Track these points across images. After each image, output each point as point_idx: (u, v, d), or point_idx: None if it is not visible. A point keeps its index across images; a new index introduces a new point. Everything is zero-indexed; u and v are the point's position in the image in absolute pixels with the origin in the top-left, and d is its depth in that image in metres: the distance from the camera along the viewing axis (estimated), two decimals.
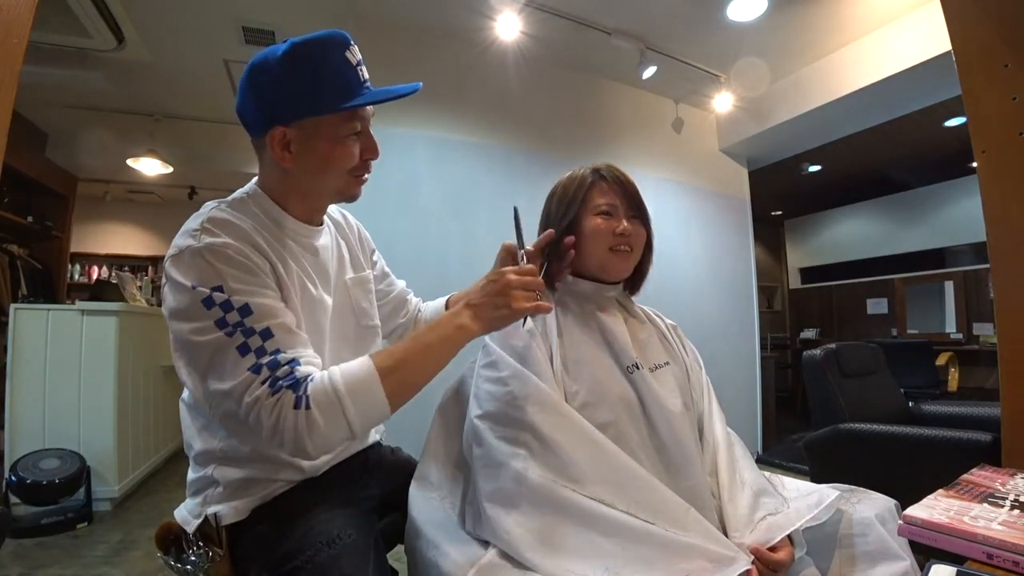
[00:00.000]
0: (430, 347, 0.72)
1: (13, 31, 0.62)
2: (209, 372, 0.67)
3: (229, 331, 0.66)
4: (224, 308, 0.66)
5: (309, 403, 0.64)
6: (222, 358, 0.66)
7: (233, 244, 0.70)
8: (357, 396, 0.66)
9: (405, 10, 2.49)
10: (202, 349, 0.67)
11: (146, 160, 3.92)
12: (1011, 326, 1.06)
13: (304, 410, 0.63)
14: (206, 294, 0.66)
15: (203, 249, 0.68)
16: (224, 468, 0.77)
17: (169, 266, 0.70)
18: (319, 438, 0.64)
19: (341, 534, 0.73)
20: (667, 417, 0.80)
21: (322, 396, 0.65)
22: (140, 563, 1.97)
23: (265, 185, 0.81)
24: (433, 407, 0.94)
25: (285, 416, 0.63)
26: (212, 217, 0.72)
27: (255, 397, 0.64)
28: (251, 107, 0.75)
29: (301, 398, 0.64)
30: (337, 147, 0.76)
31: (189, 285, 0.67)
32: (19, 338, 2.45)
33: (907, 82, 2.63)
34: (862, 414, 1.77)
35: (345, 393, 0.66)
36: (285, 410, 0.63)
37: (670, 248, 3.15)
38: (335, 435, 0.66)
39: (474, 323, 0.74)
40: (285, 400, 0.64)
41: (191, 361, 0.70)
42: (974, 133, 1.10)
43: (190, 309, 0.67)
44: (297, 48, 0.71)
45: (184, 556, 0.76)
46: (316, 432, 0.64)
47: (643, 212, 0.91)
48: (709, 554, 0.65)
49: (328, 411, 0.64)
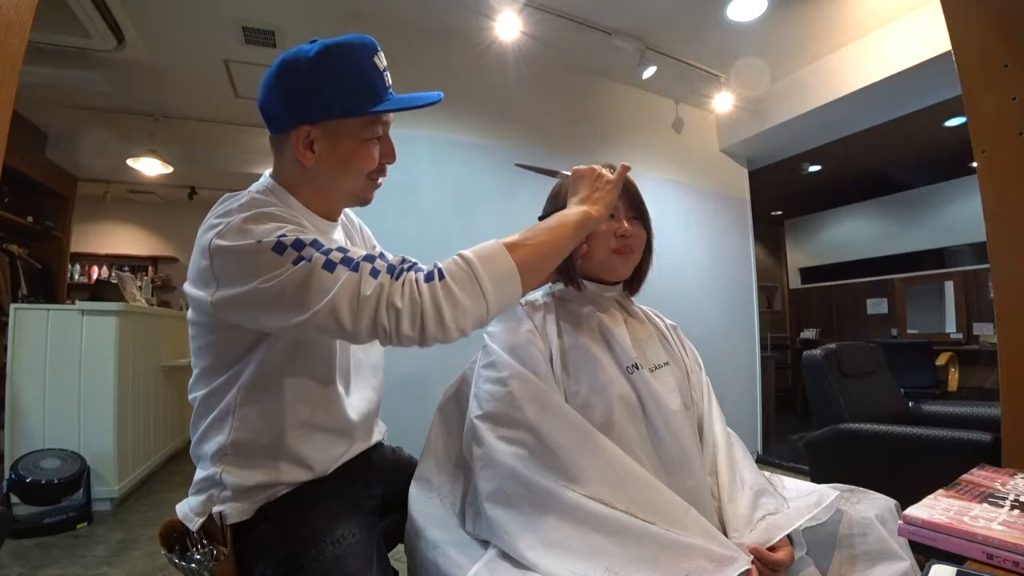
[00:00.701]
0: (553, 229, 0.73)
1: (13, 31, 0.62)
2: (291, 307, 0.62)
3: (309, 258, 0.63)
4: (296, 247, 0.64)
5: (443, 274, 0.63)
6: (306, 285, 0.62)
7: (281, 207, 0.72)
8: (487, 263, 0.65)
9: (405, 10, 2.49)
10: (284, 289, 0.62)
11: (146, 160, 3.92)
12: (1011, 326, 1.06)
13: (439, 281, 0.62)
14: (273, 241, 0.64)
15: (253, 215, 0.67)
16: (232, 468, 0.75)
17: (217, 239, 0.66)
18: (459, 310, 0.63)
19: (345, 534, 0.74)
20: (667, 417, 0.80)
21: (455, 267, 0.64)
22: (140, 563, 1.98)
23: (282, 181, 0.80)
24: (433, 407, 0.94)
25: (420, 292, 0.62)
26: (252, 198, 0.73)
27: (376, 285, 0.61)
28: (276, 104, 0.75)
29: (432, 272, 0.63)
30: (359, 149, 0.77)
31: (253, 241, 0.64)
32: (19, 338, 2.45)
33: (907, 82, 2.63)
34: (862, 414, 1.77)
35: (477, 261, 0.65)
36: (419, 286, 0.62)
37: (670, 248, 3.15)
38: (473, 306, 0.64)
39: (594, 206, 0.77)
40: (412, 278, 0.62)
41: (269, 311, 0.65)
42: (974, 133, 1.10)
43: (260, 263, 0.63)
44: (329, 49, 0.72)
45: (188, 554, 0.75)
46: (456, 303, 0.62)
47: (643, 213, 0.91)
48: (709, 554, 0.65)
49: (464, 281, 0.63)
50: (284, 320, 0.64)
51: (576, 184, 0.82)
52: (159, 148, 3.90)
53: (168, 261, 5.87)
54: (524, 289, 0.69)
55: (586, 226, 0.76)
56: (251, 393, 0.75)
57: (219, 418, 0.77)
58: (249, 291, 0.64)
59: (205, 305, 0.68)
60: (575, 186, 0.82)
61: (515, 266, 0.67)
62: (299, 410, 0.77)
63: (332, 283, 0.62)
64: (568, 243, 0.75)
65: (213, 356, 0.76)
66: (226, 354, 0.75)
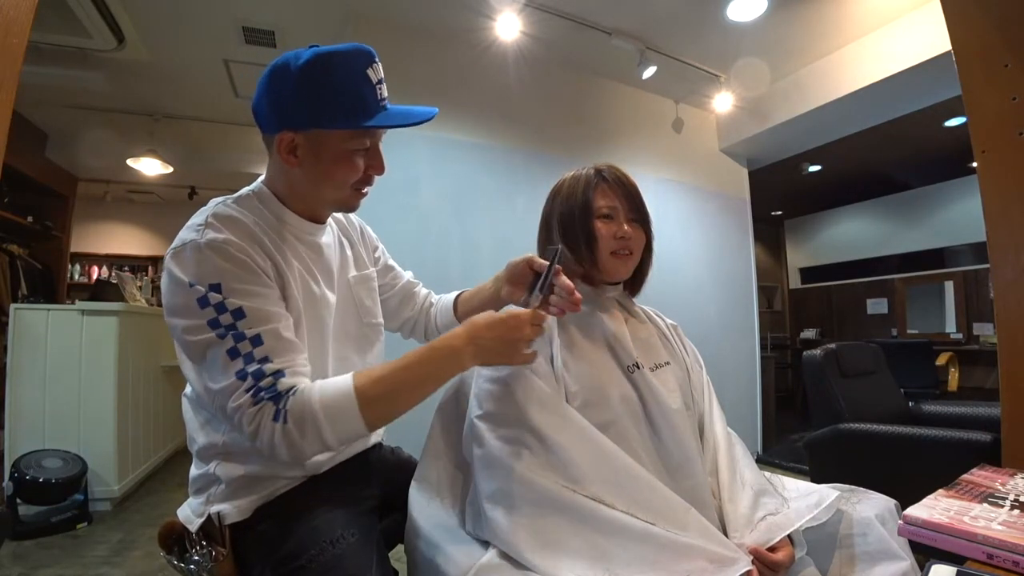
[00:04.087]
0: (418, 377, 0.72)
1: (13, 31, 0.62)
2: (202, 370, 0.69)
3: (221, 332, 0.67)
4: (218, 309, 0.67)
5: (287, 418, 0.65)
6: (213, 358, 0.68)
7: (235, 241, 0.70)
8: (333, 418, 0.67)
9: (405, 10, 2.49)
10: (195, 347, 0.68)
11: (146, 160, 3.92)
12: (1011, 326, 1.06)
13: (282, 424, 0.65)
14: (202, 293, 0.67)
15: (204, 245, 0.69)
16: (226, 464, 0.77)
17: (169, 260, 0.70)
18: (295, 450, 0.66)
19: (344, 534, 0.74)
20: (668, 417, 0.80)
21: (299, 413, 0.66)
22: (140, 563, 1.97)
23: (271, 183, 0.82)
24: (433, 407, 0.94)
25: (264, 426, 0.66)
26: (216, 213, 0.73)
27: (239, 404, 0.66)
28: (265, 107, 0.76)
29: (280, 412, 0.66)
30: (341, 161, 0.77)
31: (187, 281, 0.67)
32: (19, 338, 2.45)
33: (907, 82, 2.63)
34: (862, 414, 1.77)
35: (321, 414, 0.66)
36: (265, 420, 0.66)
37: (670, 248, 3.14)
38: (310, 449, 0.67)
39: (473, 360, 0.73)
40: (265, 411, 0.66)
41: (188, 356, 0.71)
42: (974, 133, 1.10)
43: (185, 306, 0.68)
44: (320, 59, 0.72)
45: (187, 555, 0.75)
46: (292, 445, 0.66)
47: (643, 214, 0.91)
48: (710, 554, 0.65)
49: (304, 428, 0.66)
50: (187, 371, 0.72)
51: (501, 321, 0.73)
52: (159, 148, 3.90)
53: None
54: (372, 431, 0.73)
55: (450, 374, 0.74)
56: None
57: (208, 420, 0.78)
58: (173, 326, 0.70)
59: None
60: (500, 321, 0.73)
61: (362, 422, 0.68)
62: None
63: (223, 375, 0.67)
64: (430, 390, 0.73)
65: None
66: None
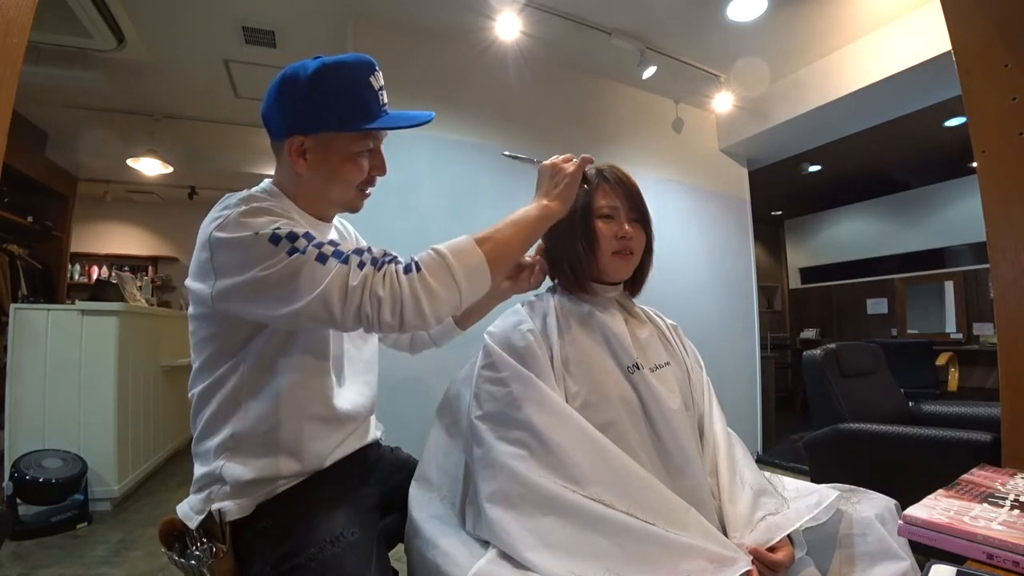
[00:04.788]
0: (517, 223, 0.79)
1: (13, 31, 0.62)
2: (291, 295, 0.67)
3: (304, 248, 0.68)
4: (290, 239, 0.69)
5: (420, 266, 0.69)
6: (306, 272, 0.67)
7: (276, 203, 0.77)
8: (459, 257, 0.72)
9: (405, 10, 2.49)
10: (279, 278, 0.67)
11: (146, 160, 3.92)
12: (1011, 326, 1.06)
13: (416, 273, 0.68)
14: (269, 233, 0.69)
15: (251, 209, 0.72)
16: (232, 462, 0.77)
17: (217, 232, 0.71)
18: (435, 300, 0.69)
19: (345, 532, 0.74)
20: (668, 417, 0.80)
21: (430, 260, 0.70)
22: (140, 563, 1.97)
23: (280, 184, 0.86)
24: (433, 407, 0.94)
25: (400, 283, 0.68)
26: (246, 195, 0.77)
27: (362, 277, 0.67)
28: (275, 114, 0.81)
29: (411, 265, 0.69)
30: (348, 161, 0.82)
31: (251, 233, 0.69)
32: (19, 338, 2.45)
33: (907, 82, 2.63)
34: (862, 414, 1.77)
35: (450, 254, 0.71)
36: (399, 278, 0.68)
37: (670, 248, 3.14)
38: (448, 296, 0.70)
39: (552, 201, 0.82)
40: (392, 270, 0.68)
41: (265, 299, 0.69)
42: (974, 133, 1.10)
43: (258, 253, 0.68)
44: (326, 68, 0.78)
45: (188, 552, 0.76)
46: (432, 293, 0.68)
47: (644, 214, 0.91)
48: (709, 554, 0.65)
49: (439, 272, 0.69)
50: (280, 308, 0.69)
51: (540, 179, 0.86)
52: (159, 148, 3.90)
53: (168, 261, 5.87)
54: (493, 279, 0.75)
55: (546, 220, 0.82)
56: (250, 382, 0.78)
57: (220, 410, 0.79)
58: (248, 280, 0.68)
59: (206, 298, 0.72)
60: (539, 181, 0.86)
61: (484, 258, 0.73)
62: (294, 398, 0.80)
63: (324, 275, 0.67)
64: (532, 236, 0.81)
65: (213, 347, 0.79)
66: (226, 344, 0.78)
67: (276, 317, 0.70)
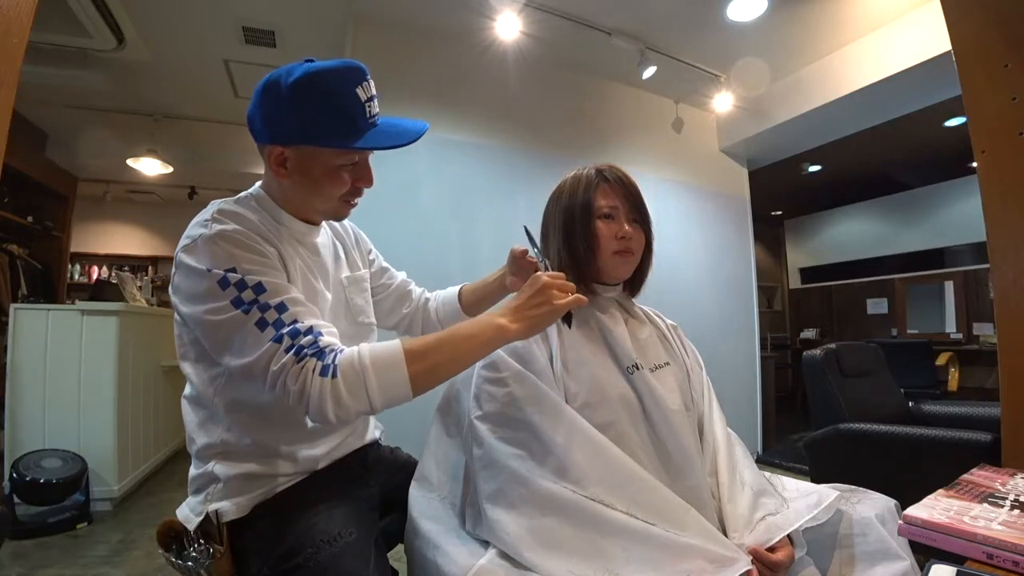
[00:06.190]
0: (462, 341, 0.71)
1: (13, 31, 0.62)
2: (227, 349, 0.69)
3: (246, 308, 0.68)
4: (239, 287, 0.69)
5: (336, 372, 0.66)
6: (241, 334, 0.68)
7: (242, 231, 0.73)
8: (381, 373, 0.67)
9: (405, 10, 2.49)
10: (219, 328, 0.69)
11: (146, 160, 3.92)
12: (1011, 326, 1.06)
13: (331, 379, 0.66)
14: (220, 275, 0.69)
15: (215, 236, 0.71)
16: (225, 463, 0.78)
17: (182, 254, 0.72)
18: (341, 408, 0.66)
19: (343, 532, 0.74)
20: (667, 417, 0.80)
21: (348, 368, 0.67)
22: (140, 563, 1.97)
23: (266, 188, 0.85)
24: (433, 407, 0.94)
25: (312, 382, 0.65)
26: (221, 209, 0.76)
27: (281, 364, 0.66)
28: (257, 119, 0.78)
29: (328, 367, 0.66)
30: (329, 175, 0.79)
31: (204, 268, 0.69)
32: (19, 338, 2.45)
33: (907, 82, 2.63)
34: (862, 414, 1.77)
35: (371, 368, 0.67)
36: (312, 376, 0.66)
37: (670, 248, 3.14)
38: (355, 407, 0.67)
39: (513, 323, 0.72)
40: (310, 367, 0.66)
41: (207, 340, 0.72)
42: (974, 133, 1.10)
43: (206, 291, 0.69)
44: (309, 77, 0.73)
45: (185, 553, 0.76)
46: (339, 401, 0.66)
47: (644, 214, 0.91)
48: (709, 555, 0.65)
49: (353, 384, 0.66)
50: (216, 353, 0.72)
51: (524, 287, 0.75)
52: (159, 148, 3.90)
53: (168, 261, 5.82)
54: (416, 395, 0.70)
55: (498, 343, 0.73)
56: (234, 387, 0.77)
57: (209, 416, 0.80)
58: (193, 314, 0.71)
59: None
60: (523, 287, 0.76)
61: (408, 377, 0.68)
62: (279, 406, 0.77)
63: (256, 345, 0.67)
64: (476, 357, 0.74)
65: (194, 354, 0.80)
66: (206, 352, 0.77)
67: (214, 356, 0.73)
